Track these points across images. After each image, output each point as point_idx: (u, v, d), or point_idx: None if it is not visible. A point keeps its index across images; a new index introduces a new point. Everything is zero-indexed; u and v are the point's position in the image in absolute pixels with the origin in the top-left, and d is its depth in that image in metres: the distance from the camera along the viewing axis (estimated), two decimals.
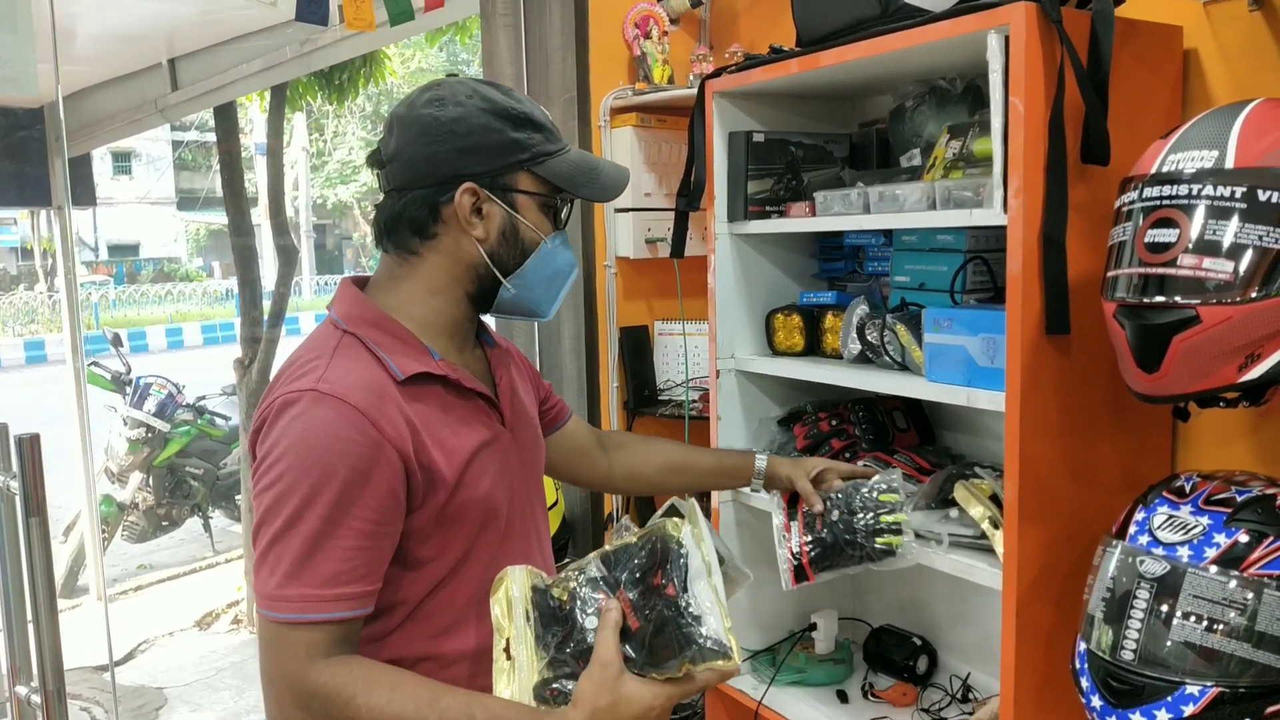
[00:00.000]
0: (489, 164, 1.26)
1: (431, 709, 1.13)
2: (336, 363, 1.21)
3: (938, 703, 2.06)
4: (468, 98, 1.26)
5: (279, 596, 1.14)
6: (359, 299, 1.30)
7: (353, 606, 1.16)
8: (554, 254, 1.33)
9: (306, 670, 1.14)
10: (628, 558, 1.16)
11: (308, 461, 1.14)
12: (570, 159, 1.32)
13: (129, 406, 6.16)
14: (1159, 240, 1.27)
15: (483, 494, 1.27)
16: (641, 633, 1.12)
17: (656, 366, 2.73)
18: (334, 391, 1.17)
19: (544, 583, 1.19)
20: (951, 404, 1.71)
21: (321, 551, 1.14)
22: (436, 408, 1.25)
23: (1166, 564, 1.29)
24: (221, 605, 5.25)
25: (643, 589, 1.13)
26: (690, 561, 1.13)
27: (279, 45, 3.65)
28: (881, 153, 2.17)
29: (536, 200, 1.30)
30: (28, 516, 1.54)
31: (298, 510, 1.14)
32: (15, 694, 1.59)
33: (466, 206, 1.26)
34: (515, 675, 1.14)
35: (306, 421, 1.16)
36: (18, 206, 10.14)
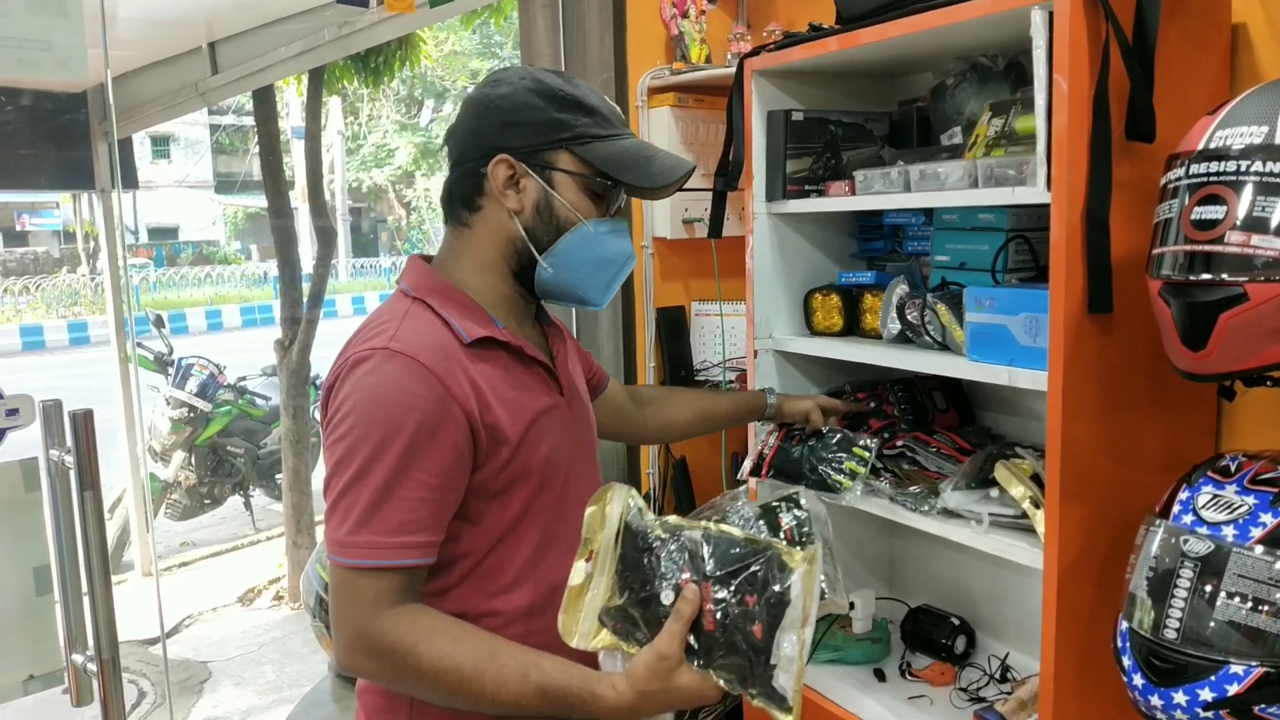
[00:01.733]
0: (527, 139, 1.29)
1: (490, 664, 1.16)
2: (406, 324, 1.25)
3: (976, 682, 2.06)
4: (520, 79, 1.31)
5: (349, 543, 1.18)
6: (426, 270, 1.35)
7: (417, 555, 1.20)
8: (597, 239, 1.34)
9: (372, 617, 1.18)
10: (730, 556, 1.12)
11: (378, 416, 1.18)
12: (622, 145, 1.33)
13: (171, 387, 6.26)
14: (1206, 217, 1.26)
15: (543, 456, 1.31)
16: (711, 637, 1.10)
17: (693, 347, 2.73)
18: (405, 350, 1.21)
19: (640, 518, 1.19)
20: (992, 384, 1.70)
21: (390, 501, 1.18)
22: (501, 370, 1.29)
23: (1211, 543, 1.29)
24: (264, 581, 5.33)
25: (731, 598, 1.10)
26: (790, 611, 1.07)
27: (317, 28, 3.68)
28: (921, 131, 2.16)
29: (577, 181, 1.31)
30: (82, 490, 1.57)
31: (367, 462, 1.18)
32: (72, 662, 1.63)
33: (501, 177, 1.29)
34: (589, 589, 1.17)
35: (378, 377, 1.20)
36: (61, 190, 10.30)
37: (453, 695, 1.18)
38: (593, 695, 1.14)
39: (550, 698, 1.15)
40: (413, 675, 1.18)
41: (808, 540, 1.23)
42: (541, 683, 1.15)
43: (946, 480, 1.84)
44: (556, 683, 1.14)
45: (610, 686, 1.13)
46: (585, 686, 1.14)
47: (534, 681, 1.15)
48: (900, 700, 2.03)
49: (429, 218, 28.45)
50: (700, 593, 1.11)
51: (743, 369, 2.51)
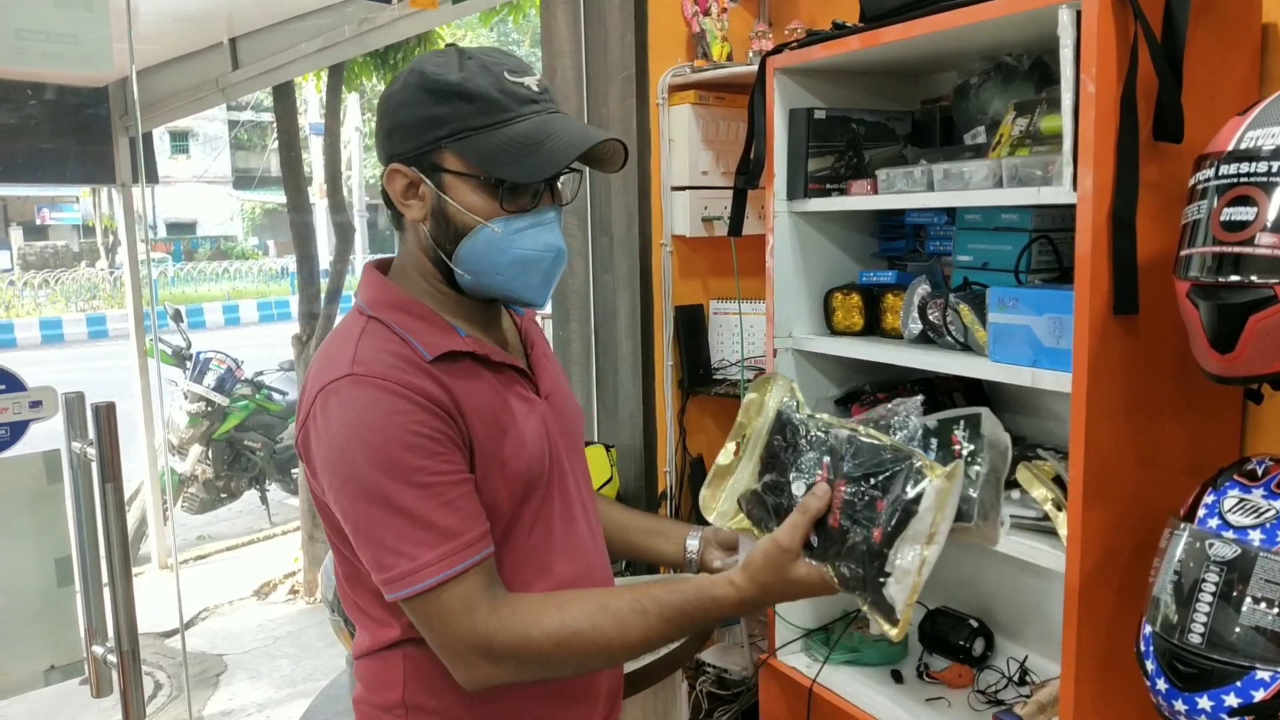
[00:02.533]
0: (410, 142, 1.18)
1: (604, 615, 1.15)
2: (364, 346, 1.18)
3: (994, 685, 2.06)
4: (409, 73, 1.19)
5: (414, 571, 1.13)
6: (381, 283, 1.27)
7: (481, 548, 1.16)
8: (508, 240, 1.20)
9: (474, 624, 1.14)
10: (870, 459, 1.09)
11: (373, 442, 1.12)
12: (506, 133, 1.16)
13: (189, 381, 6.29)
14: (1236, 218, 1.25)
15: (524, 463, 1.24)
16: (833, 534, 1.09)
17: (711, 345, 2.73)
18: (369, 372, 1.15)
19: (796, 410, 1.19)
20: (1013, 385, 1.69)
21: (430, 514, 1.13)
22: (470, 382, 1.21)
23: (1237, 547, 1.27)
24: (279, 575, 5.35)
25: (860, 499, 1.07)
26: (916, 523, 1.03)
27: (338, 25, 3.69)
28: (944, 130, 2.15)
29: (468, 180, 1.18)
30: (104, 482, 1.58)
31: (387, 491, 1.12)
32: (92, 653, 1.64)
33: (398, 187, 1.20)
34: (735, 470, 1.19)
35: (355, 406, 1.14)
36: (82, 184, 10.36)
37: (584, 659, 1.17)
38: (713, 600, 1.13)
39: (674, 620, 1.14)
40: (539, 659, 1.15)
41: (975, 461, 1.16)
42: (660, 611, 1.14)
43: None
44: (674, 604, 1.14)
45: (728, 583, 1.13)
46: (702, 595, 1.14)
47: (653, 613, 1.14)
48: (918, 702, 2.02)
49: None
50: (831, 490, 1.10)
51: (762, 368, 2.51)
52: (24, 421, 1.64)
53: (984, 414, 1.19)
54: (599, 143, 1.18)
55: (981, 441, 1.17)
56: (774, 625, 2.22)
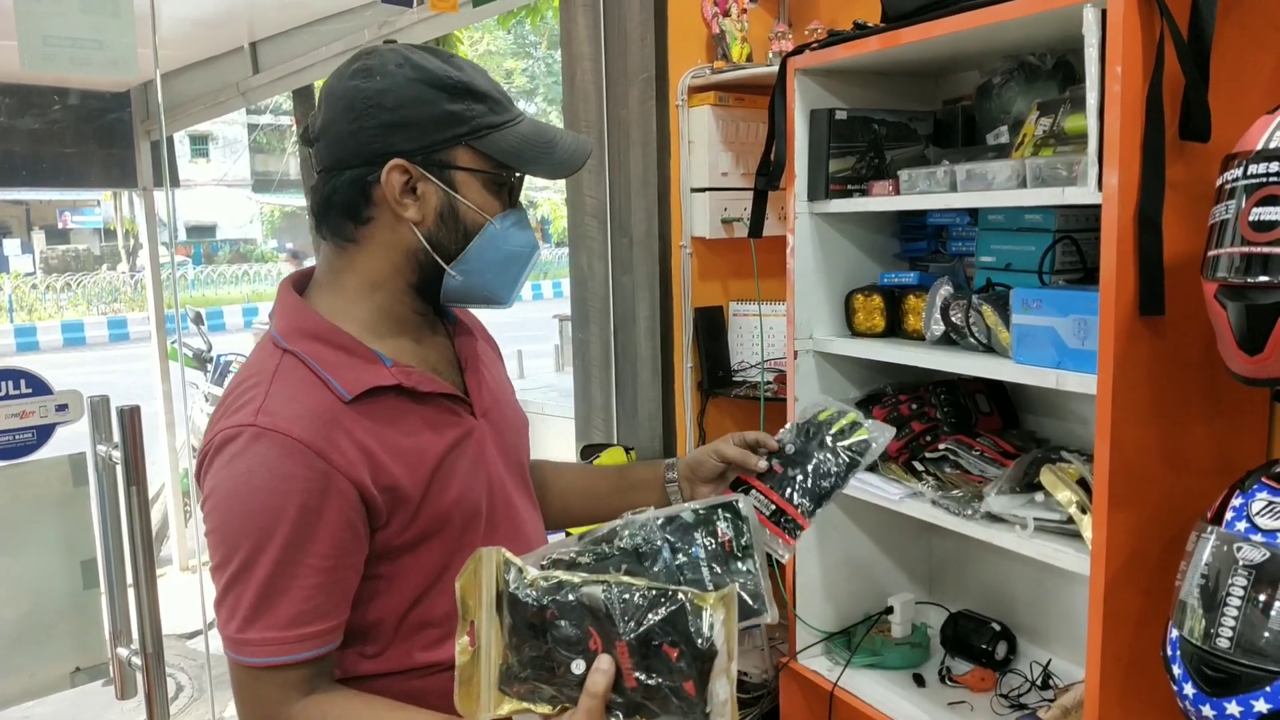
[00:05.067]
0: (420, 140, 1.13)
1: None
2: (276, 389, 1.11)
3: (1017, 689, 2.04)
4: (397, 66, 1.14)
5: (241, 640, 1.08)
6: (297, 308, 1.19)
7: (318, 645, 1.10)
8: (505, 236, 1.19)
9: (279, 714, 1.09)
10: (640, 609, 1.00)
11: (252, 505, 1.07)
12: (520, 131, 1.17)
13: (210, 383, 6.32)
14: (1265, 218, 1.23)
15: (453, 499, 1.19)
16: (636, 696, 1.00)
17: (731, 347, 2.72)
18: (274, 425, 1.08)
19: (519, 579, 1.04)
20: (1037, 387, 1.68)
21: (280, 594, 1.07)
22: (392, 420, 1.15)
23: (1266, 551, 1.26)
24: None
25: (651, 655, 0.99)
26: (719, 660, 0.98)
27: (357, 28, 3.70)
28: (967, 130, 2.13)
29: (480, 178, 1.17)
30: (129, 485, 1.59)
31: (250, 555, 1.07)
32: (117, 655, 1.65)
33: (397, 186, 1.14)
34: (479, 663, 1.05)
35: (248, 461, 1.07)
36: (104, 188, 10.43)
37: None
38: None
39: None
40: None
41: (745, 554, 1.13)
42: None
43: (990, 484, 1.82)
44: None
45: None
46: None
47: None
48: (940, 706, 2.01)
49: None
50: (614, 656, 0.99)
51: (782, 370, 2.50)
52: (50, 425, 1.65)
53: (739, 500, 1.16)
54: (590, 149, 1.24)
55: (746, 526, 1.14)
56: (794, 628, 2.21)
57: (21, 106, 4.69)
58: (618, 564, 1.08)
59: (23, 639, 1.62)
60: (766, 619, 1.12)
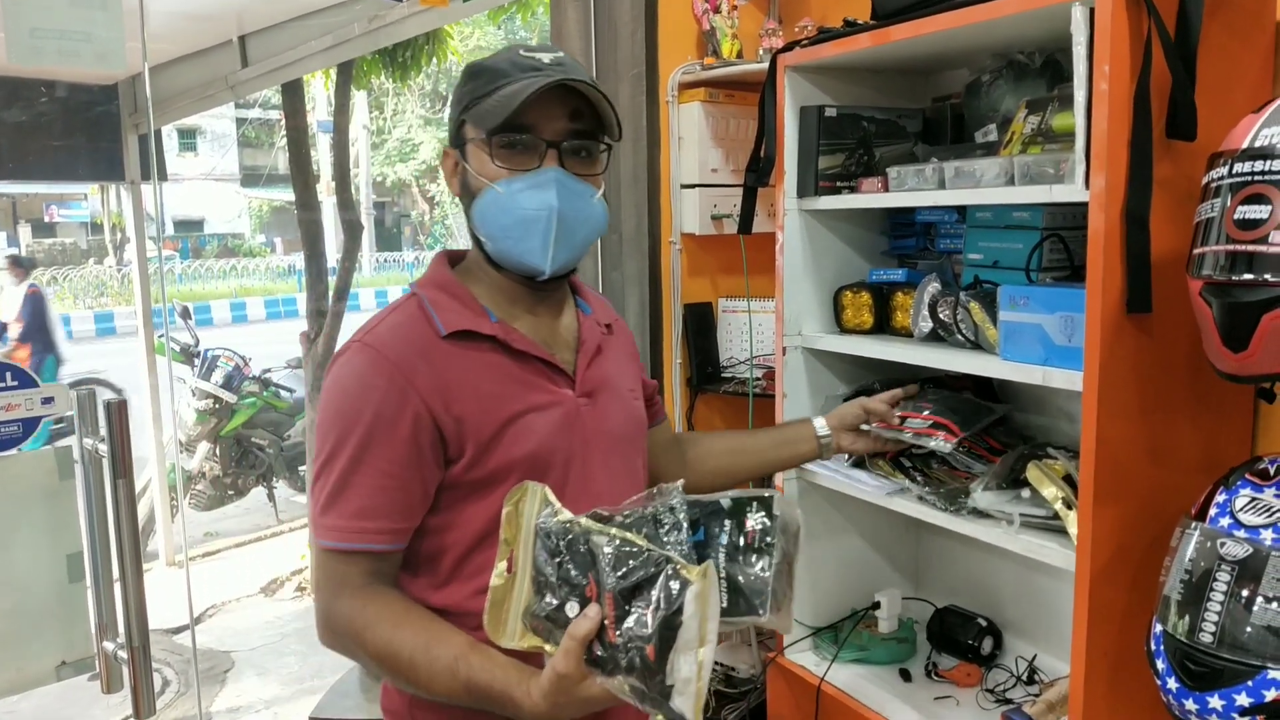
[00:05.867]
0: (450, 125, 1.35)
1: (424, 655, 1.18)
2: (388, 320, 1.30)
3: (1003, 684, 2.05)
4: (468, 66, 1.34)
5: (319, 524, 1.24)
6: (439, 266, 1.38)
7: (378, 540, 1.24)
8: (510, 198, 1.26)
9: (336, 597, 1.23)
10: (628, 566, 1.04)
11: (343, 406, 1.24)
12: (500, 93, 1.24)
13: (197, 378, 6.30)
14: (1250, 217, 1.24)
15: (526, 454, 1.27)
16: (613, 650, 1.04)
17: (720, 343, 2.72)
18: (373, 343, 1.26)
19: (552, 517, 1.12)
20: (1023, 383, 1.69)
21: (351, 486, 1.23)
22: (483, 366, 1.28)
23: (1249, 546, 1.27)
24: (286, 573, 5.36)
25: (632, 613, 1.03)
26: (684, 632, 1.00)
27: (347, 22, 3.69)
28: (955, 128, 2.14)
29: (479, 145, 1.28)
30: (115, 478, 1.59)
31: (334, 448, 1.23)
32: (103, 649, 1.64)
33: (448, 168, 1.34)
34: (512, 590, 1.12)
35: (348, 370, 1.26)
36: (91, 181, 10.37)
37: (398, 680, 1.24)
38: (511, 699, 1.13)
39: (475, 694, 1.16)
40: (365, 657, 1.24)
41: (768, 549, 1.14)
42: (468, 679, 1.16)
43: (977, 480, 1.83)
44: (480, 681, 1.15)
45: (525, 693, 1.12)
46: (505, 690, 1.14)
47: (461, 677, 1.16)
48: (926, 701, 2.02)
49: (452, 212, 28.55)
50: (602, 607, 1.04)
51: (770, 366, 2.51)
52: (36, 418, 1.64)
53: (776, 496, 1.18)
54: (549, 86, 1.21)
55: (775, 524, 1.15)
56: None
57: (8, 99, 4.66)
58: (640, 527, 1.12)
59: (8, 633, 1.61)
60: (760, 619, 1.12)
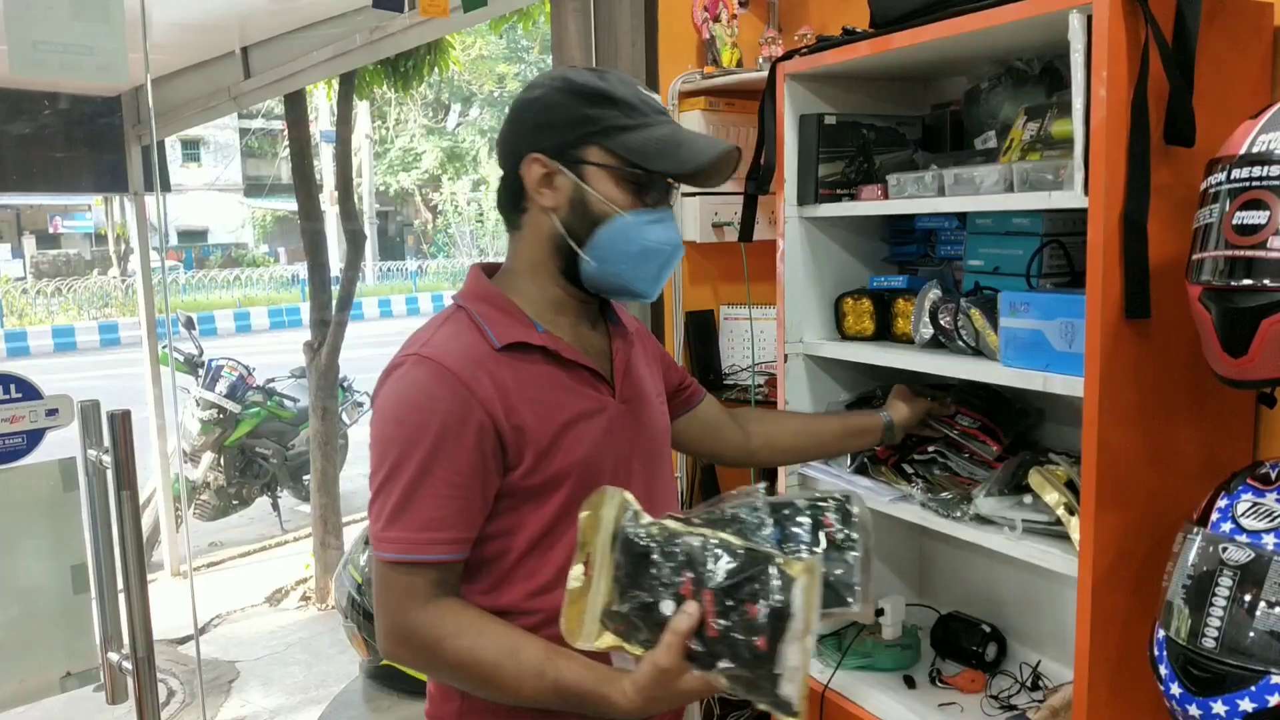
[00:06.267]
0: (556, 137, 1.32)
1: (510, 660, 1.22)
2: (442, 331, 1.32)
3: (1007, 690, 2.05)
4: (550, 81, 1.35)
5: (383, 538, 1.25)
6: (477, 278, 1.41)
7: (445, 550, 1.26)
8: (637, 230, 1.33)
9: (406, 610, 1.25)
10: (731, 566, 1.10)
11: (406, 418, 1.26)
12: (650, 134, 1.31)
13: (201, 388, 6.32)
14: (1248, 222, 1.25)
15: (579, 459, 1.33)
16: (715, 644, 1.10)
17: (722, 351, 2.73)
18: (433, 355, 1.27)
19: (635, 522, 1.17)
20: (1025, 389, 1.69)
21: (418, 499, 1.24)
22: (535, 375, 1.32)
23: (1251, 551, 1.27)
24: (291, 582, 5.36)
25: (733, 608, 1.09)
26: (793, 624, 1.06)
27: (349, 33, 3.71)
28: (954, 135, 2.14)
29: (610, 173, 1.31)
30: (119, 490, 1.59)
31: (397, 461, 1.25)
32: (107, 660, 1.65)
33: (535, 176, 1.32)
34: (589, 592, 1.17)
35: (406, 383, 1.28)
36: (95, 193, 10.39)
37: (477, 687, 1.26)
38: (604, 697, 1.18)
39: (565, 696, 1.21)
40: (442, 666, 1.27)
41: (851, 544, 1.23)
42: (557, 681, 1.20)
43: (979, 486, 1.83)
44: (570, 682, 1.20)
45: (620, 690, 1.16)
46: (598, 688, 1.19)
47: (550, 679, 1.21)
48: (930, 707, 2.02)
49: (454, 221, 28.60)
50: (701, 604, 1.10)
51: (772, 373, 2.51)
52: (40, 430, 1.65)
53: (853, 496, 1.27)
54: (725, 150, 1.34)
55: (854, 524, 1.23)
56: None
57: (12, 111, 4.68)
58: (723, 527, 1.17)
59: (13, 644, 1.62)
60: (853, 610, 1.24)
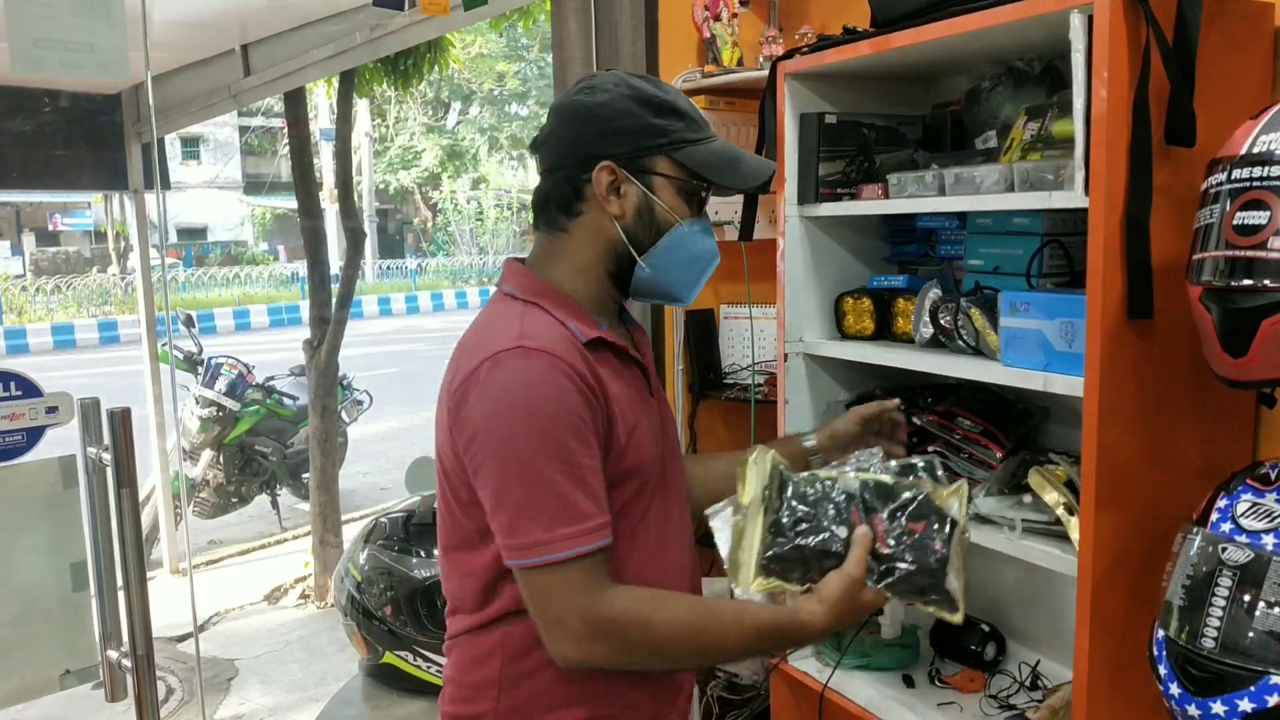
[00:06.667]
0: (628, 145, 1.33)
1: (711, 618, 1.27)
2: (528, 323, 1.29)
3: (1006, 689, 2.05)
4: (615, 85, 1.35)
5: (550, 541, 1.21)
6: (528, 274, 1.39)
7: (607, 534, 1.25)
8: (691, 238, 1.38)
9: (597, 600, 1.23)
10: (887, 495, 1.29)
11: (535, 418, 1.22)
12: (712, 148, 1.37)
13: (201, 386, 6.32)
14: (1249, 222, 1.25)
15: (645, 456, 1.36)
16: (885, 559, 1.26)
17: (722, 350, 2.73)
18: (540, 346, 1.25)
19: (790, 473, 1.34)
20: (1025, 389, 1.69)
21: (571, 491, 1.22)
22: (610, 370, 1.34)
23: (1250, 551, 1.27)
24: (290, 580, 5.37)
25: (900, 527, 1.27)
26: (957, 532, 1.26)
27: (349, 31, 3.70)
28: (955, 135, 2.14)
29: (674, 184, 1.35)
30: (119, 487, 1.59)
31: (538, 465, 1.22)
32: (106, 658, 1.65)
33: (604, 184, 1.33)
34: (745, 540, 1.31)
35: (525, 378, 1.24)
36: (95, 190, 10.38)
37: (682, 656, 1.31)
38: (800, 623, 1.25)
39: (764, 635, 1.28)
40: (651, 645, 1.26)
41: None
42: (755, 623, 1.27)
43: (979, 486, 1.83)
44: (765, 620, 1.27)
45: (809, 611, 1.25)
46: (790, 616, 1.26)
47: (749, 624, 1.27)
48: (930, 706, 2.02)
49: (454, 220, 28.60)
50: (871, 528, 1.26)
51: (772, 372, 2.51)
52: (40, 427, 1.65)
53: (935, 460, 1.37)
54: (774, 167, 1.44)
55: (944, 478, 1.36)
56: None
57: (12, 109, 4.68)
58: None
59: (12, 641, 1.62)
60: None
